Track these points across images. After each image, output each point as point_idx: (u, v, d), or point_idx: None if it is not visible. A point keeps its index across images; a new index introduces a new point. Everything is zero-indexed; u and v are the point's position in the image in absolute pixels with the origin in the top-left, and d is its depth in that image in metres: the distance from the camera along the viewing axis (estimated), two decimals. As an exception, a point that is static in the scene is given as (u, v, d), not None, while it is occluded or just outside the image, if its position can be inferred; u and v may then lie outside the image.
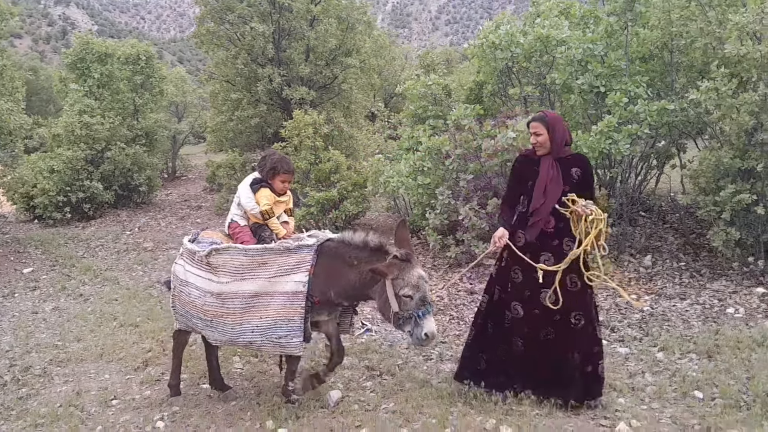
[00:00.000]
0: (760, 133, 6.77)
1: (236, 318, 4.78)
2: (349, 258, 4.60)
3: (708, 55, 7.73)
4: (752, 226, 7.12)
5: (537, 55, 8.62)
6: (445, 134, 9.11)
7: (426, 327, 4.30)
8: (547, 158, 4.77)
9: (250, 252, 4.81)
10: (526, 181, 4.82)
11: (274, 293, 4.67)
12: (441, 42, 63.29)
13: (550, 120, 4.77)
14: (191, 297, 5.00)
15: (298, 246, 4.71)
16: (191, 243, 5.19)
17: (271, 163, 5.13)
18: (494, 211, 8.17)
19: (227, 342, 4.97)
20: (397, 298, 4.35)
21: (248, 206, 5.13)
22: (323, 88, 15.01)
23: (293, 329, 4.64)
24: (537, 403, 4.76)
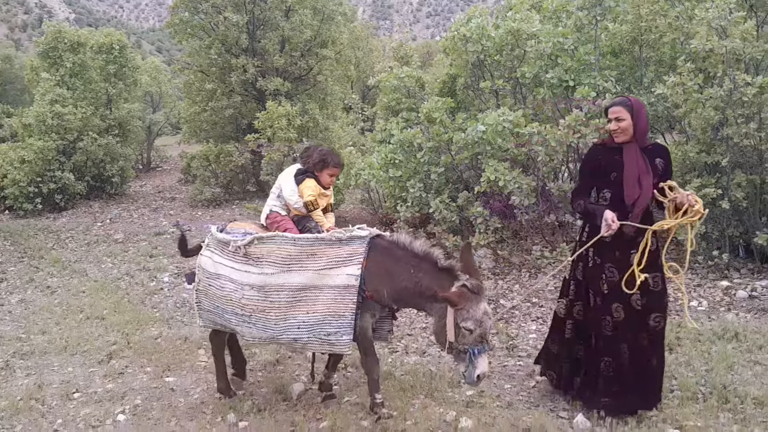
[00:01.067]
0: (726, 128, 6.84)
1: (281, 313, 4.43)
2: (406, 263, 4.28)
3: (676, 50, 7.80)
4: (718, 220, 7.20)
5: (508, 48, 8.64)
6: (417, 127, 9.11)
7: (480, 368, 4.02)
8: (631, 146, 4.35)
9: (299, 241, 4.48)
10: (607, 173, 4.38)
11: (323, 287, 4.33)
12: (422, 34, 63.40)
13: (635, 105, 4.38)
14: (225, 291, 4.64)
15: (350, 237, 4.40)
16: (220, 233, 4.87)
17: (321, 155, 4.87)
18: (464, 204, 8.20)
19: (267, 339, 4.56)
20: (456, 328, 4.03)
21: (291, 200, 4.84)
22: (298, 80, 14.92)
23: (343, 326, 4.28)
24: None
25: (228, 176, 14.32)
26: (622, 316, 4.34)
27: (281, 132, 11.47)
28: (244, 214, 11.97)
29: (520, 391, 5.03)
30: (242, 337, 4.73)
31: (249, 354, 6.15)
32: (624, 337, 4.35)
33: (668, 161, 4.43)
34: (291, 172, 4.97)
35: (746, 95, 6.58)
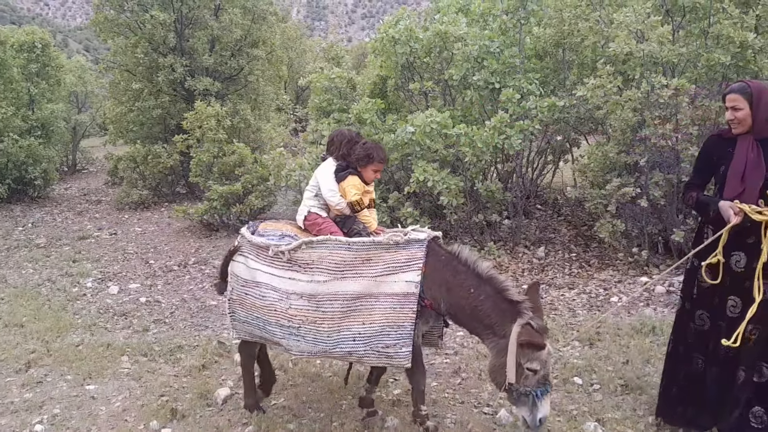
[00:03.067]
0: (644, 129, 7.08)
1: (334, 324, 4.04)
2: (466, 280, 3.92)
3: (597, 53, 8.04)
4: (637, 218, 7.46)
5: (436, 50, 8.73)
6: (348, 128, 9.09)
7: (543, 411, 3.69)
8: (746, 138, 3.87)
9: (353, 246, 4.10)
10: (717, 165, 4.00)
11: (380, 295, 3.97)
12: (357, 36, 63.41)
13: (755, 91, 3.80)
14: (267, 301, 4.23)
15: (407, 240, 4.04)
16: (253, 235, 4.46)
17: (366, 150, 4.45)
18: (395, 205, 8.24)
19: (318, 353, 4.17)
20: (519, 368, 3.67)
21: (333, 200, 4.41)
22: (229, 80, 14.71)
23: (403, 337, 3.92)
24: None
25: (156, 178, 13.98)
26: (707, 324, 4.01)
27: (211, 133, 11.28)
28: (174, 217, 11.72)
29: (446, 388, 5.08)
30: (288, 351, 4.28)
31: (175, 359, 6.04)
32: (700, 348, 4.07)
33: None
34: (329, 169, 4.52)
35: (663, 97, 6.83)
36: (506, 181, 8.76)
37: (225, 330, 6.87)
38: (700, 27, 7.46)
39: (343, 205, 4.40)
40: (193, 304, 7.71)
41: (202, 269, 9.02)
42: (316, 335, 4.08)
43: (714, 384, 3.98)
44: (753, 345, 3.77)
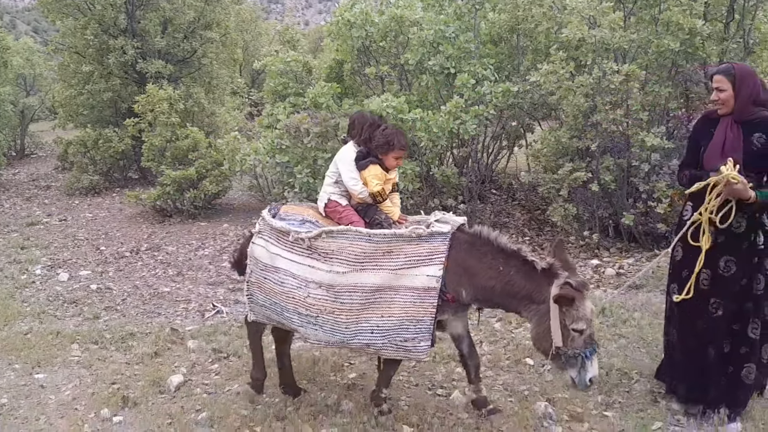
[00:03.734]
0: (595, 115, 7.19)
1: (352, 316, 3.96)
2: (493, 260, 3.84)
3: (550, 39, 8.12)
4: (588, 202, 7.59)
5: (392, 35, 8.70)
6: (304, 112, 9.03)
7: (592, 371, 3.65)
8: (727, 119, 4.01)
9: (374, 238, 3.97)
10: (701, 144, 4.15)
11: (400, 288, 3.88)
12: (315, 19, 62.70)
13: (738, 73, 3.95)
14: (286, 287, 4.15)
15: (430, 233, 3.92)
16: (274, 219, 4.35)
17: (386, 137, 4.30)
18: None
19: (336, 343, 4.14)
20: (564, 330, 3.61)
21: (355, 189, 4.25)
22: (182, 62, 14.42)
23: (422, 331, 3.86)
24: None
25: (107, 163, 13.66)
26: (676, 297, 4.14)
27: (163, 116, 11.07)
28: (126, 202, 11.49)
29: (400, 371, 5.10)
30: (306, 338, 4.23)
31: (126, 346, 5.95)
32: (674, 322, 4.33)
33: None
34: (349, 155, 4.35)
35: (614, 83, 6.94)
36: (462, 166, 8.81)
37: (178, 316, 6.80)
38: (651, 14, 7.59)
39: (365, 194, 4.25)
40: (146, 291, 7.59)
41: (155, 255, 8.88)
42: (333, 325, 4.01)
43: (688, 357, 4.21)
44: (718, 319, 4.04)
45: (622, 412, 4.32)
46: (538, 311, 3.74)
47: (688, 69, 7.48)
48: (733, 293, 4.01)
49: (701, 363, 4.11)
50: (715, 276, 4.02)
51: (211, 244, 9.18)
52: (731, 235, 3.99)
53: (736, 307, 4.04)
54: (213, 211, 10.84)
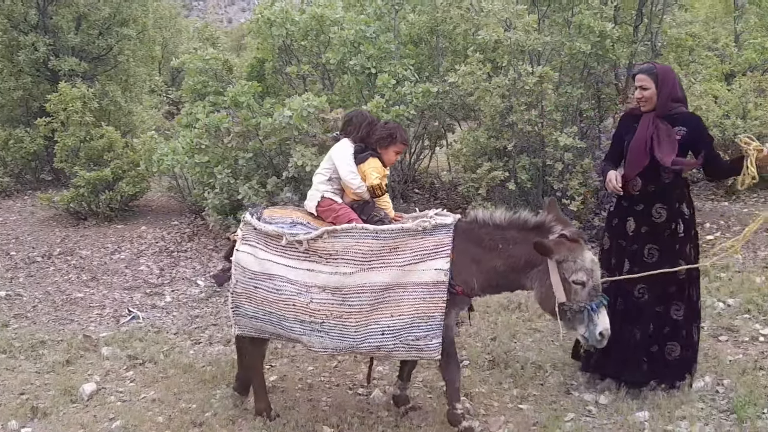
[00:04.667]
0: (511, 115, 7.37)
1: (361, 318, 3.80)
2: (492, 240, 3.80)
3: (468, 40, 8.27)
4: (506, 200, 7.76)
5: (313, 34, 8.67)
6: (225, 111, 8.88)
7: (601, 324, 3.61)
8: (649, 115, 4.26)
9: (381, 234, 3.84)
10: (624, 139, 4.41)
11: (408, 285, 3.77)
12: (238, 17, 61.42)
13: (660, 72, 4.24)
14: (283, 294, 3.91)
15: (434, 226, 3.81)
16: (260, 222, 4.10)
17: (388, 130, 4.21)
18: (274, 190, 8.13)
19: (345, 349, 3.93)
20: (565, 284, 3.60)
21: (353, 183, 4.10)
22: (97, 60, 13.91)
23: (433, 328, 3.75)
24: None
25: (19, 164, 13.03)
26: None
27: (76, 116, 10.65)
28: (38, 205, 11.01)
29: (322, 372, 5.12)
30: (310, 348, 3.99)
31: (36, 355, 5.71)
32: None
33: (697, 129, 4.25)
34: (347, 150, 4.23)
35: (528, 84, 7.13)
36: (384, 166, 8.84)
37: (92, 323, 6.58)
38: (564, 17, 7.84)
39: (363, 188, 4.13)
40: (58, 297, 7.31)
41: (68, 260, 8.55)
42: (342, 331, 3.83)
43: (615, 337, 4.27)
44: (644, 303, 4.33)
45: (536, 405, 4.45)
46: (538, 272, 3.70)
47: (599, 71, 7.76)
48: (658, 279, 4.23)
49: (627, 343, 4.34)
50: (641, 263, 4.29)
51: (128, 247, 8.91)
52: (653, 225, 4.30)
53: (660, 291, 4.30)
54: (130, 214, 10.53)
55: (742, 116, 9.37)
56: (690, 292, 4.39)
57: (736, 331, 5.30)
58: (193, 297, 6.98)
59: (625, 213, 4.41)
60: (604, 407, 4.35)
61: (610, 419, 4.22)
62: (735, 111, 9.45)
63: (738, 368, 4.65)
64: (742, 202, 9.06)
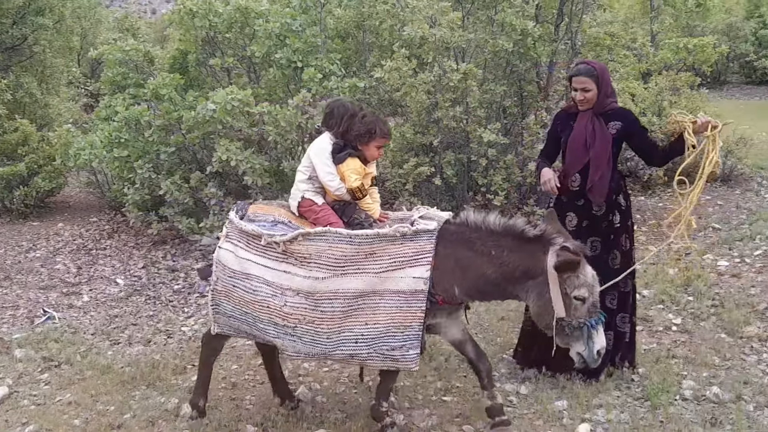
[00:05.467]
0: (437, 111, 7.44)
1: (334, 325, 3.64)
2: (484, 246, 3.63)
3: (394, 36, 8.30)
4: (432, 195, 7.86)
5: (237, 26, 8.52)
6: (145, 104, 8.63)
7: (599, 342, 3.54)
8: (586, 113, 4.32)
9: (356, 239, 3.65)
10: (560, 136, 4.48)
11: (384, 292, 3.60)
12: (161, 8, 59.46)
13: (600, 72, 4.27)
14: (258, 295, 3.75)
15: (415, 231, 3.63)
16: (241, 220, 3.92)
17: (366, 125, 3.95)
18: (198, 186, 7.97)
19: (317, 355, 3.78)
20: (566, 299, 3.48)
21: (332, 185, 3.92)
22: (11, 50, 13.30)
23: (409, 338, 3.57)
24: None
25: (-74, 160, 12.36)
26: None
27: (-13, 108, 10.18)
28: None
29: (246, 370, 5.05)
30: (283, 351, 3.84)
31: None
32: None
33: (630, 122, 4.35)
34: (324, 148, 3.99)
35: (453, 81, 7.22)
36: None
37: (4, 324, 6.30)
38: (487, 14, 7.96)
39: (342, 190, 3.92)
40: (-33, 298, 6.96)
41: (-21, 259, 8.16)
42: (314, 336, 3.68)
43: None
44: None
45: (460, 397, 4.51)
46: (536, 285, 3.57)
47: (521, 68, 7.92)
48: (598, 270, 4.24)
49: None
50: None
51: (44, 245, 8.57)
52: (593, 218, 4.41)
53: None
54: (46, 210, 10.13)
55: (657, 114, 9.75)
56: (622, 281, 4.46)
57: (651, 321, 5.52)
58: (112, 296, 6.77)
59: (565, 208, 4.46)
60: (525, 397, 4.45)
61: (530, 409, 4.33)
62: (651, 109, 9.83)
63: (652, 357, 4.84)
64: (657, 196, 9.45)
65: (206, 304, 6.08)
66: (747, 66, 22.22)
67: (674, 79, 10.37)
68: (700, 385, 4.42)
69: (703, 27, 20.54)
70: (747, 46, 21.70)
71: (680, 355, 4.88)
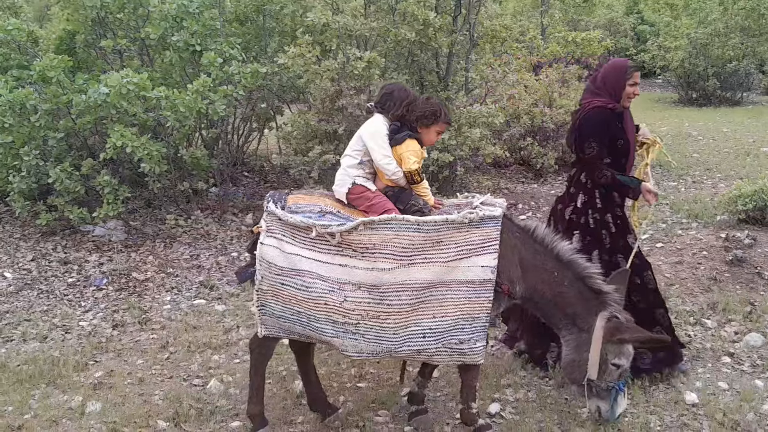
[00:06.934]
0: (341, 99, 7.44)
1: (401, 319, 3.46)
2: (545, 262, 3.64)
3: (296, 22, 8.22)
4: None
5: (131, 6, 8.17)
6: (31, 87, 8.12)
7: (623, 405, 3.64)
8: (627, 112, 4.44)
9: (424, 226, 3.46)
10: (615, 139, 4.34)
11: (452, 283, 3.45)
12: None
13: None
14: (313, 292, 3.49)
15: (481, 218, 3.48)
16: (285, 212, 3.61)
17: (432, 106, 3.77)
18: (90, 173, 7.60)
19: (381, 353, 3.55)
20: (603, 365, 3.52)
21: (388, 168, 3.70)
22: None
23: (478, 330, 3.47)
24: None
25: None
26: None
27: None
28: None
29: (153, 365, 4.91)
30: (343, 351, 3.60)
31: None
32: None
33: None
34: (379, 130, 3.79)
35: (357, 69, 7.24)
36: (212, 148, 8.60)
37: None
38: (389, 3, 8.04)
39: (399, 174, 3.73)
40: None
41: None
42: (379, 332, 3.49)
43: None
44: None
45: (374, 383, 4.59)
46: (579, 339, 3.62)
47: (422, 58, 8.06)
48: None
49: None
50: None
51: None
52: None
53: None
54: None
55: (548, 105, 10.22)
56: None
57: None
58: (0, 291, 6.36)
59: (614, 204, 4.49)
60: (436, 380, 4.59)
61: (443, 391, 4.47)
62: (542, 99, 10.28)
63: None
64: (549, 184, 9.90)
65: (104, 297, 5.97)
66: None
67: (563, 72, 10.88)
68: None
69: (587, 22, 21.63)
70: (627, 40, 23.06)
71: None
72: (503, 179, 9.98)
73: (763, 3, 17.99)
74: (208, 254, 7.22)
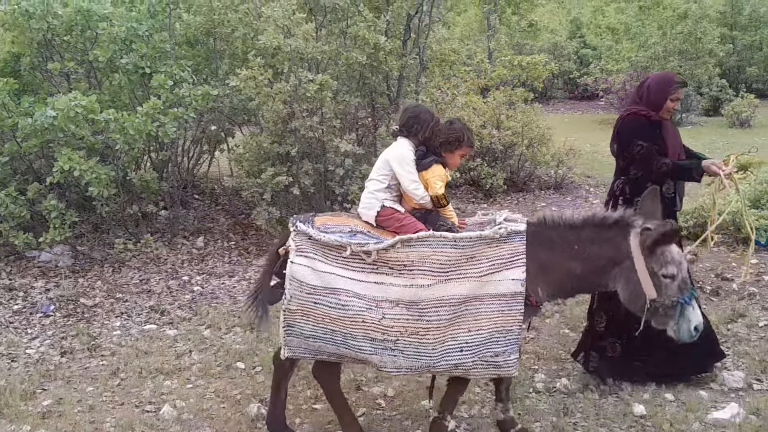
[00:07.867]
0: (293, 121, 7.47)
1: (439, 334, 3.51)
2: (565, 242, 3.65)
3: (248, 44, 8.25)
4: (291, 205, 7.87)
5: (78, 29, 8.06)
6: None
7: (695, 318, 3.51)
8: (667, 122, 4.56)
9: (460, 242, 3.57)
10: (653, 145, 4.43)
11: (485, 296, 3.52)
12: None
13: None
14: (350, 311, 3.52)
15: (509, 233, 3.57)
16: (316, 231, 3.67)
17: (456, 131, 3.88)
18: (36, 198, 7.43)
19: (420, 368, 3.60)
20: (655, 280, 3.48)
21: (417, 193, 3.82)
22: None
23: (511, 342, 3.52)
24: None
25: None
26: None
27: None
28: None
29: (103, 392, 4.80)
30: (381, 368, 3.63)
31: None
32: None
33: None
34: (406, 155, 3.88)
35: (309, 91, 7.27)
36: (161, 171, 8.51)
37: None
38: (340, 27, 8.12)
39: (427, 198, 3.84)
40: None
41: None
42: (418, 348, 3.54)
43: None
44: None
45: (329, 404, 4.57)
46: (623, 270, 3.59)
47: (373, 81, 8.16)
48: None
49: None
50: None
51: None
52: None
53: None
54: None
55: (496, 126, 10.44)
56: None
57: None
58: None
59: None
60: (392, 399, 4.62)
61: (398, 410, 4.50)
62: (491, 121, 10.50)
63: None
64: (498, 204, 10.09)
65: (52, 324, 5.83)
66: (570, 82, 24.31)
67: (510, 94, 11.15)
68: (551, 378, 4.83)
69: (531, 46, 22.21)
70: (570, 63, 23.74)
71: (530, 350, 5.29)
72: (454, 199, 10.11)
73: (699, 27, 18.82)
74: (159, 278, 7.12)
